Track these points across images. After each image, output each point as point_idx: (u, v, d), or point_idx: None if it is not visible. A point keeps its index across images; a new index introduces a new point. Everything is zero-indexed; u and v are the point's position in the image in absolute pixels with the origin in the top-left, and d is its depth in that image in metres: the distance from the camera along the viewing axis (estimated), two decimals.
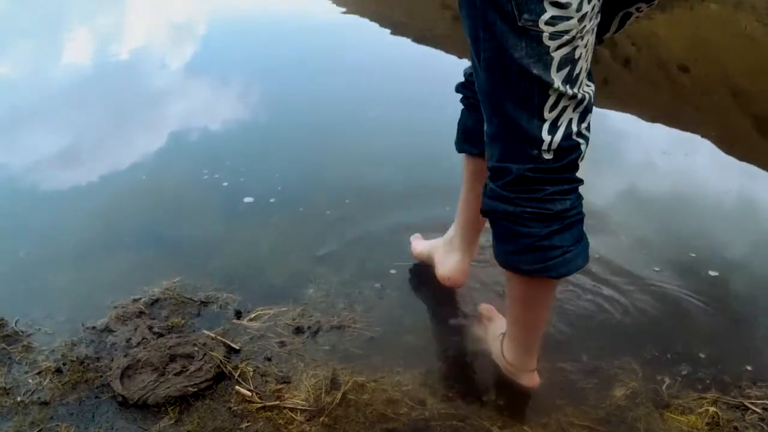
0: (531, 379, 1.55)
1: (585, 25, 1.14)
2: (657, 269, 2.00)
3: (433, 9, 5.88)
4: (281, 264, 2.01)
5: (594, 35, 1.20)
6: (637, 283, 1.93)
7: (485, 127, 1.32)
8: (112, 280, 1.95)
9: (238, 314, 1.79)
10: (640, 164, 2.78)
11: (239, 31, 4.98)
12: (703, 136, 3.02)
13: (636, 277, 1.95)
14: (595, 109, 1.27)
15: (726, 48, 4.70)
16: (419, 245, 1.95)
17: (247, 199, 2.33)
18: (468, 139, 1.63)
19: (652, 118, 3.24)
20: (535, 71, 1.15)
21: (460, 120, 1.66)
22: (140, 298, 1.85)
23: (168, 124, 3.08)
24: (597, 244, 1.38)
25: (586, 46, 1.17)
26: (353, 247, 2.05)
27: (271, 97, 3.42)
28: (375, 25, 4.94)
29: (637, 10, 1.29)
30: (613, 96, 3.44)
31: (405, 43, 4.45)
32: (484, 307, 1.75)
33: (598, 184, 2.30)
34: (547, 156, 1.23)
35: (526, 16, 1.10)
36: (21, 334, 1.73)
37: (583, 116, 1.24)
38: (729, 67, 4.24)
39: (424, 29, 5.02)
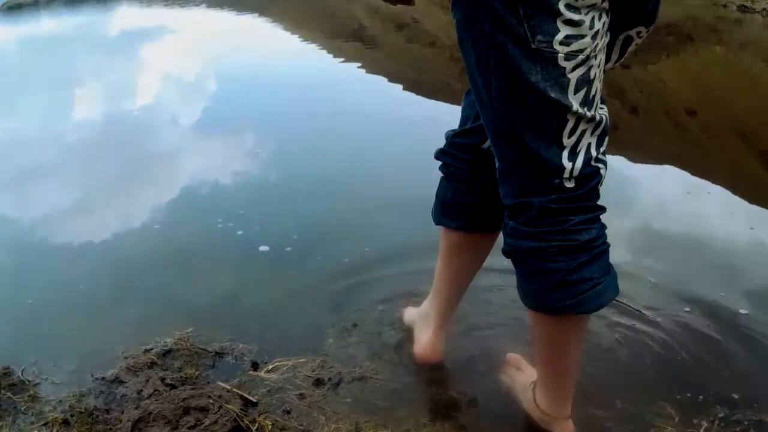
0: (566, 427, 1.45)
1: (597, 43, 1.11)
2: (687, 309, 1.92)
3: (443, 63, 5.92)
4: (299, 314, 1.93)
5: (605, 54, 1.17)
6: (666, 324, 1.84)
7: (497, 164, 1.25)
8: (122, 329, 1.88)
9: (255, 365, 1.71)
10: (654, 208, 2.72)
11: (250, 87, 5.02)
12: (713, 179, 2.97)
13: (665, 317, 1.87)
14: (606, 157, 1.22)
15: (732, 89, 4.71)
16: (408, 315, 1.84)
17: (263, 248, 2.28)
18: (446, 211, 1.53)
19: (662, 163, 3.19)
20: (552, 95, 1.10)
21: (438, 190, 1.56)
22: (152, 349, 1.77)
23: (180, 176, 3.07)
24: (622, 287, 1.31)
25: (599, 66, 1.14)
26: (373, 297, 1.98)
27: (283, 150, 3.41)
28: (385, 80, 4.97)
29: (638, 34, 1.26)
30: (622, 143, 3.40)
31: (415, 96, 4.46)
32: (512, 357, 1.66)
33: (615, 227, 2.23)
34: (569, 184, 1.18)
35: (539, 37, 1.07)
36: (27, 383, 1.66)
37: (601, 140, 1.20)
38: (736, 109, 4.23)
39: (435, 83, 5.04)
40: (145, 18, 13.34)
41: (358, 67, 5.40)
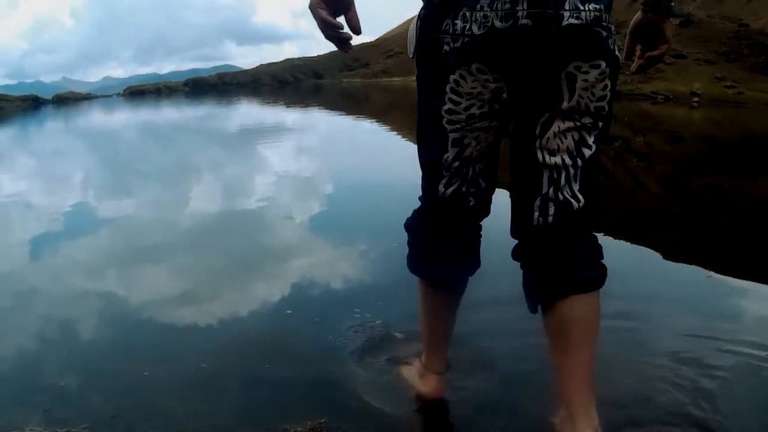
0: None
1: (474, 123, 1.41)
2: None
3: None
4: (443, 413, 1.74)
5: (491, 136, 1.45)
6: None
7: None
8: (247, 412, 1.77)
9: None
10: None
11: (365, 188, 5.04)
12: None
13: None
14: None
15: None
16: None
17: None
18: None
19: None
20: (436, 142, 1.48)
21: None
22: None
23: (313, 267, 3.03)
24: None
25: (477, 140, 1.45)
26: (522, 401, 1.76)
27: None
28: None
29: (578, 69, 1.31)
30: (730, 255, 3.20)
31: None
32: None
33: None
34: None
35: (434, 103, 1.44)
36: None
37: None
38: None
39: None
40: (266, 117, 14.02)
41: None
